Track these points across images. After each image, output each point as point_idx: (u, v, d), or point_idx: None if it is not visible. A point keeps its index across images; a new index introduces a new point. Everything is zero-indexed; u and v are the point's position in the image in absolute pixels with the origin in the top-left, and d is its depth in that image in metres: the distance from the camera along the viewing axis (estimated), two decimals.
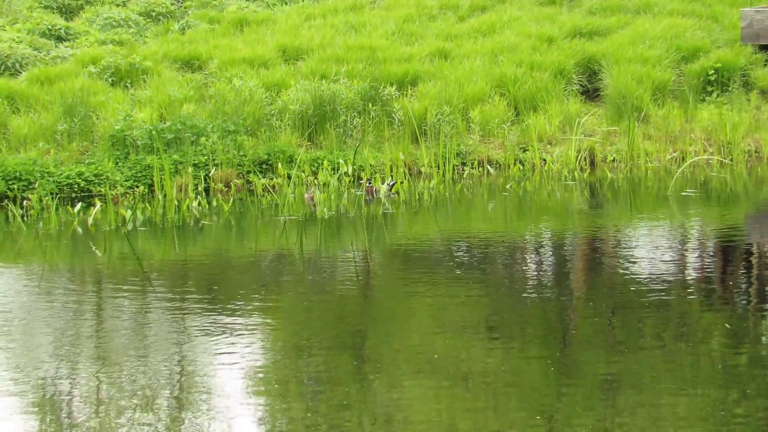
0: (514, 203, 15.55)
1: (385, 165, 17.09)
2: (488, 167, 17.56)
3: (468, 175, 17.38)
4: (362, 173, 16.85)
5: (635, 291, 10.58)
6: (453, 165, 17.35)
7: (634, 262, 11.83)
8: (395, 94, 18.57)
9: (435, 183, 16.66)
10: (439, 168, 17.22)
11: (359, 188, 16.43)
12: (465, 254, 12.72)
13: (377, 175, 16.73)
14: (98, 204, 15.07)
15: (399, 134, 17.91)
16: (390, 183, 16.30)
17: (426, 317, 10.07)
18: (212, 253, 13.36)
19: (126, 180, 16.25)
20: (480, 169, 17.54)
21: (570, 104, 18.78)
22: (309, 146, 17.68)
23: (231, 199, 15.79)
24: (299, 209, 15.18)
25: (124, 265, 12.56)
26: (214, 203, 15.71)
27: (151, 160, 16.27)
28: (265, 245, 13.53)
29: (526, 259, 12.49)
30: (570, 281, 11.32)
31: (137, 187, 16.21)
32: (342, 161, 16.73)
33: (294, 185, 16.39)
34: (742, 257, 12.21)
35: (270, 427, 7.64)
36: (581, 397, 7.92)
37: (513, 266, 12.18)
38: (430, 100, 18.24)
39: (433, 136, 17.72)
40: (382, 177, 16.84)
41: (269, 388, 8.32)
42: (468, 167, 17.59)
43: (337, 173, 16.56)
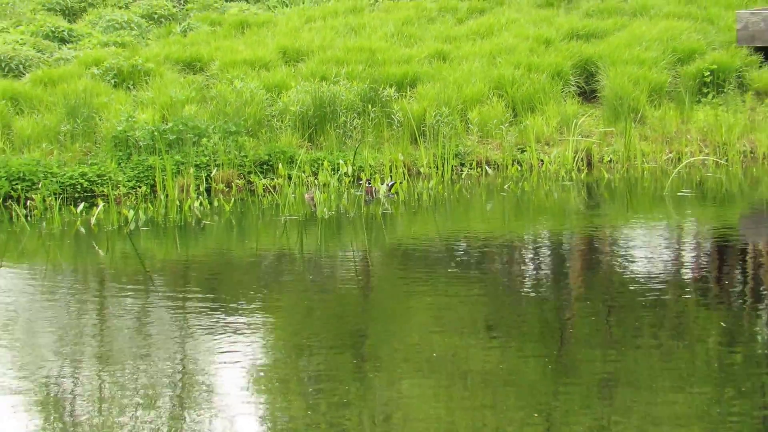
0: (512, 203, 15.54)
1: (385, 165, 17.08)
2: (486, 168, 17.55)
3: (466, 176, 17.38)
4: (362, 174, 16.84)
5: (632, 290, 10.57)
6: (452, 165, 17.34)
7: (631, 262, 11.83)
8: (394, 96, 18.56)
9: (434, 183, 16.66)
10: (438, 168, 17.22)
11: (359, 188, 16.42)
12: (464, 254, 12.72)
13: (377, 176, 16.73)
14: (101, 204, 15.06)
15: (398, 135, 17.90)
16: (389, 183, 16.29)
17: (425, 316, 10.07)
18: (214, 253, 13.35)
19: (128, 180, 16.24)
20: (478, 170, 17.54)
21: (567, 105, 18.78)
22: (309, 147, 17.67)
23: (232, 200, 15.78)
24: (300, 209, 15.17)
25: (127, 265, 12.55)
26: (216, 203, 15.70)
27: (153, 161, 16.27)
28: (266, 245, 13.52)
29: (524, 259, 12.49)
30: (567, 281, 11.31)
31: (139, 188, 16.20)
32: (342, 162, 16.72)
33: (294, 186, 16.38)
34: (738, 257, 12.21)
35: (271, 425, 7.63)
36: (579, 396, 7.92)
37: (511, 266, 12.18)
38: (429, 102, 18.23)
39: (432, 137, 17.72)
40: (382, 177, 16.83)
41: (270, 387, 8.32)
42: (466, 168, 17.58)
43: (337, 174, 16.56)
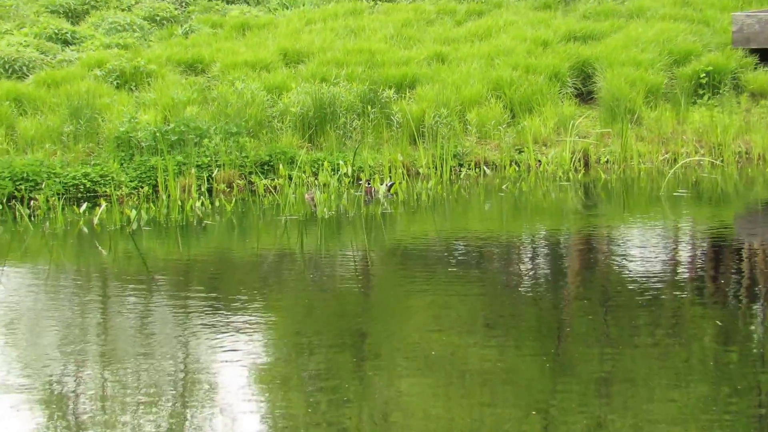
0: (510, 203, 15.54)
1: (384, 166, 17.08)
2: (485, 168, 17.55)
3: (465, 176, 17.38)
4: (361, 174, 16.84)
5: (629, 289, 10.58)
6: (450, 166, 17.34)
7: (628, 261, 11.83)
8: (394, 97, 18.56)
9: (433, 184, 16.66)
10: (437, 169, 17.22)
11: (359, 189, 16.42)
12: (462, 253, 12.72)
13: (376, 176, 16.73)
14: (103, 204, 15.06)
15: (397, 136, 17.90)
16: (388, 184, 16.29)
17: (424, 314, 10.07)
18: (215, 252, 13.36)
19: (131, 181, 16.24)
20: (477, 170, 17.54)
21: (564, 107, 18.78)
22: (309, 148, 17.67)
23: (233, 200, 15.78)
24: (300, 209, 15.17)
25: (129, 264, 12.55)
26: (217, 203, 15.70)
27: (155, 161, 16.27)
28: (267, 244, 13.53)
29: (522, 258, 12.49)
30: (565, 280, 11.32)
31: (142, 188, 16.20)
32: (342, 162, 16.72)
33: (295, 186, 16.38)
34: (733, 256, 12.21)
35: (272, 422, 7.64)
36: (576, 394, 7.92)
37: (509, 265, 12.18)
38: (428, 103, 18.23)
39: (431, 138, 17.72)
40: (381, 178, 16.83)
41: (271, 384, 8.32)
42: (465, 168, 17.58)
43: (337, 174, 16.56)
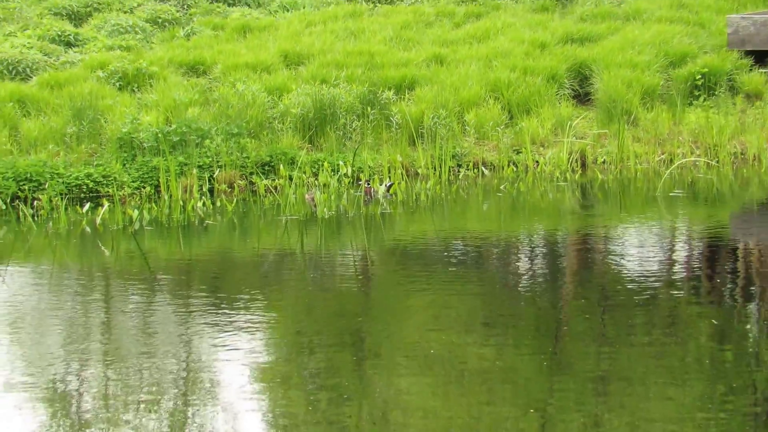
0: (508, 203, 15.55)
1: (383, 166, 17.08)
2: (483, 169, 17.55)
3: (463, 177, 17.38)
4: (361, 174, 16.84)
5: (626, 288, 10.58)
6: (449, 166, 17.34)
7: (624, 261, 11.84)
8: (393, 98, 18.56)
9: (431, 184, 16.66)
10: (436, 169, 17.22)
11: (358, 189, 16.42)
12: (460, 253, 12.73)
13: (375, 177, 16.74)
14: (106, 204, 15.06)
15: (397, 137, 17.90)
16: (388, 184, 16.30)
17: (423, 313, 10.08)
18: (216, 252, 13.37)
19: (133, 181, 16.24)
20: (475, 171, 17.54)
21: (562, 108, 18.78)
22: (310, 148, 17.68)
23: (234, 200, 15.79)
24: (300, 209, 15.18)
25: (131, 264, 12.56)
26: (218, 203, 15.71)
27: (157, 162, 16.27)
28: (268, 244, 13.53)
29: (520, 258, 12.50)
30: (562, 279, 11.32)
31: (144, 188, 16.20)
32: (342, 163, 16.72)
33: (295, 186, 16.38)
34: (728, 255, 12.22)
35: (273, 419, 7.64)
36: (574, 392, 7.93)
37: (507, 264, 12.19)
38: (427, 104, 18.23)
39: (430, 139, 17.72)
40: (381, 178, 16.84)
41: (272, 382, 8.33)
42: (463, 169, 17.58)
43: (337, 175, 16.56)
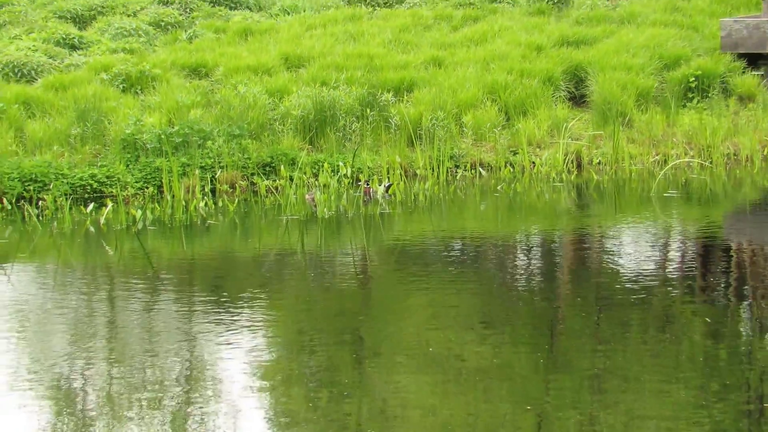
0: (505, 204, 15.56)
1: (382, 167, 17.09)
2: (480, 169, 17.56)
3: (461, 177, 17.39)
4: (360, 175, 16.84)
5: (621, 287, 10.60)
6: (447, 167, 17.35)
7: (619, 260, 11.85)
8: (392, 100, 18.56)
9: (429, 184, 16.67)
10: (434, 170, 17.22)
11: (358, 189, 16.43)
12: (458, 252, 12.74)
13: (375, 177, 16.74)
14: (110, 204, 15.07)
15: (395, 138, 17.91)
16: (387, 184, 16.31)
17: (421, 311, 10.09)
18: (218, 251, 13.37)
19: (136, 181, 16.25)
20: (472, 172, 17.55)
21: (558, 110, 18.79)
22: (310, 149, 17.68)
23: (236, 200, 15.79)
24: (301, 209, 15.19)
25: (135, 263, 12.57)
26: (220, 204, 15.71)
27: (160, 163, 16.28)
28: (269, 244, 13.54)
29: (517, 257, 12.51)
30: (559, 278, 11.33)
31: (147, 189, 16.20)
32: (341, 164, 16.73)
33: (296, 187, 16.38)
34: (721, 254, 12.23)
35: (275, 414, 7.66)
36: (570, 389, 7.94)
37: (504, 263, 12.20)
38: (425, 106, 18.23)
39: (428, 140, 17.72)
40: (380, 179, 16.84)
41: (274, 378, 8.34)
42: (461, 169, 17.59)
43: (337, 175, 16.57)
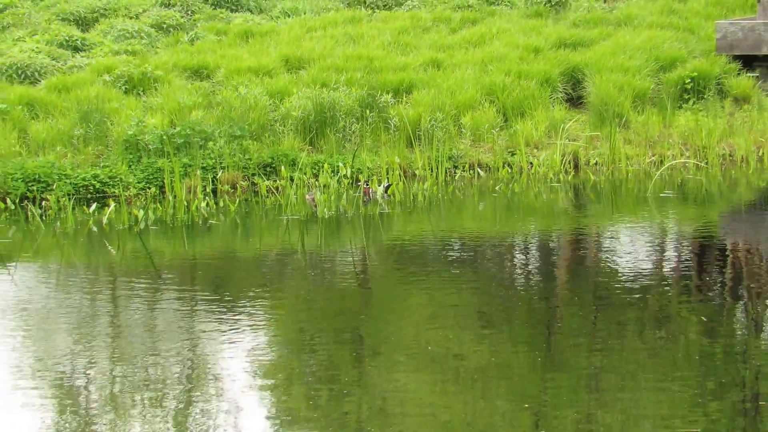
0: (503, 204, 15.58)
1: (382, 168, 17.11)
2: (478, 170, 17.58)
3: (459, 178, 17.41)
4: (360, 176, 16.86)
5: (618, 286, 10.62)
6: (445, 168, 17.36)
7: (616, 259, 11.87)
8: (391, 102, 18.58)
9: (428, 185, 16.69)
10: (433, 171, 17.24)
11: (357, 190, 16.45)
12: (457, 252, 12.76)
13: (374, 178, 16.76)
14: (112, 204, 15.08)
15: (395, 139, 17.93)
16: (386, 185, 16.33)
17: (421, 310, 10.11)
18: (219, 251, 13.39)
19: (138, 182, 16.26)
20: (471, 172, 17.57)
21: (555, 111, 18.81)
22: (310, 150, 17.70)
23: (237, 200, 15.81)
24: (301, 209, 15.20)
25: (137, 262, 12.59)
26: (221, 204, 15.73)
27: (162, 164, 16.30)
28: (269, 243, 13.56)
29: (515, 256, 12.53)
30: (556, 277, 11.35)
31: (149, 189, 16.22)
32: (341, 164, 16.75)
33: (296, 187, 16.40)
34: (717, 254, 12.26)
35: (276, 411, 7.68)
36: (566, 387, 7.96)
37: (502, 263, 12.22)
38: (424, 107, 18.25)
39: (427, 141, 17.74)
40: (379, 179, 16.86)
41: (275, 376, 8.36)
42: (459, 170, 17.60)
43: (337, 176, 16.59)
